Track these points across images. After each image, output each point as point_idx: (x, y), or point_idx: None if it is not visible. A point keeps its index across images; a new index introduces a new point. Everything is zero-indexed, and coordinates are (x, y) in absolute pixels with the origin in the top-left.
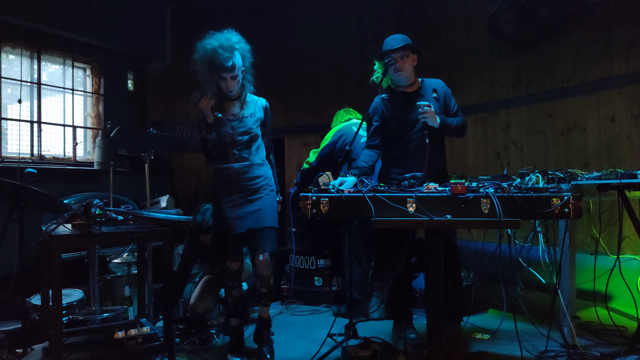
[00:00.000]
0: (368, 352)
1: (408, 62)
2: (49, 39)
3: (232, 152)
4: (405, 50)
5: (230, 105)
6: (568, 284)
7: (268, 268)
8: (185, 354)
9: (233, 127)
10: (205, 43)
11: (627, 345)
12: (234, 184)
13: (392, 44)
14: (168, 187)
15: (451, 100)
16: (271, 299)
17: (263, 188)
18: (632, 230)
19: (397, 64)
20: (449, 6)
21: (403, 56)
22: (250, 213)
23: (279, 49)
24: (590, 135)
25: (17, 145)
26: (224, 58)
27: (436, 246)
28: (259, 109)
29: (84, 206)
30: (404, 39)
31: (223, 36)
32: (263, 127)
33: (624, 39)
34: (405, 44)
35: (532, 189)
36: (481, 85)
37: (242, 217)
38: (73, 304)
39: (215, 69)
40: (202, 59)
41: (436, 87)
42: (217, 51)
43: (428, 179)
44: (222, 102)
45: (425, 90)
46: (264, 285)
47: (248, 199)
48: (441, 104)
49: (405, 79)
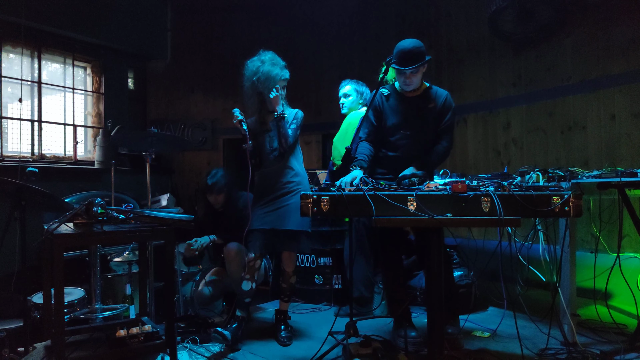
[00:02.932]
0: (369, 350)
1: (417, 76)
2: (49, 38)
3: (267, 158)
4: (415, 69)
5: (270, 117)
6: (568, 281)
7: (289, 265)
8: (187, 352)
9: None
10: (255, 61)
11: (627, 343)
12: (268, 186)
13: (404, 62)
14: (169, 186)
15: (447, 115)
16: (290, 295)
17: (293, 193)
18: (632, 229)
19: (407, 79)
20: (450, 4)
21: (414, 71)
22: (276, 213)
23: (279, 47)
24: (591, 134)
25: (17, 144)
26: (282, 68)
27: (436, 244)
28: (296, 118)
29: (86, 205)
30: (417, 55)
31: (269, 56)
32: (295, 131)
33: (624, 37)
34: (417, 64)
35: (532, 188)
36: (481, 83)
37: (269, 215)
38: (74, 303)
39: (271, 85)
40: (260, 73)
41: (438, 97)
42: (275, 62)
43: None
44: (265, 116)
45: (425, 99)
46: (284, 281)
47: (278, 200)
48: (434, 115)
49: (410, 87)
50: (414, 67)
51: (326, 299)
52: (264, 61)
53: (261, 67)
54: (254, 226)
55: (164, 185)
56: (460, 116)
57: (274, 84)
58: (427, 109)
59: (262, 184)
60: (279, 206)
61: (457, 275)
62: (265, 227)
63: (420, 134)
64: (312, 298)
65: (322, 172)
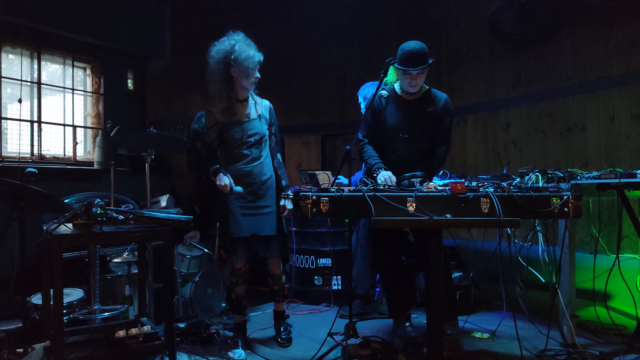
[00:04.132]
0: (368, 351)
1: (423, 77)
2: (49, 39)
3: (241, 152)
4: (421, 70)
5: (240, 108)
6: (567, 283)
7: (276, 268)
8: (186, 353)
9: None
10: (225, 42)
11: (626, 344)
12: (245, 184)
13: (411, 63)
14: (168, 187)
15: (446, 119)
16: (284, 295)
17: (270, 195)
18: (632, 230)
19: (412, 80)
20: (450, 6)
21: (420, 73)
22: (258, 218)
23: (279, 48)
24: (590, 135)
25: (17, 144)
26: (257, 53)
27: (436, 245)
28: (265, 110)
29: (85, 206)
30: (424, 57)
31: (242, 35)
32: (270, 127)
33: (624, 39)
34: (424, 65)
35: (531, 189)
36: (481, 84)
37: (248, 219)
38: (73, 303)
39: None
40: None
41: (437, 101)
42: (251, 44)
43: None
44: (232, 106)
45: (425, 102)
46: (276, 283)
47: (258, 204)
48: (433, 118)
49: (415, 89)
50: (421, 68)
51: (326, 300)
52: (237, 40)
53: (236, 46)
54: (234, 234)
55: (163, 186)
56: (460, 117)
57: (253, 65)
58: (426, 112)
59: (238, 181)
60: (258, 212)
61: (456, 277)
62: (245, 234)
63: (418, 137)
64: (312, 299)
65: (322, 172)
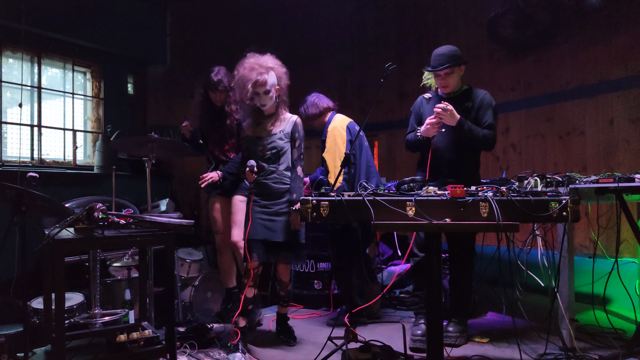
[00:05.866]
0: (368, 355)
1: (452, 77)
2: (49, 43)
3: (260, 165)
4: (446, 69)
5: (265, 123)
6: (566, 287)
7: (285, 275)
8: (186, 356)
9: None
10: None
11: (625, 348)
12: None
13: (433, 63)
14: (168, 191)
15: (485, 114)
16: (288, 301)
17: (286, 210)
18: (630, 234)
19: (442, 81)
20: (449, 10)
21: (447, 73)
22: (272, 224)
23: (278, 53)
24: (589, 139)
25: (17, 149)
26: (259, 73)
27: (435, 249)
28: (290, 124)
29: (87, 210)
30: (447, 58)
31: (262, 57)
32: (293, 142)
33: (623, 43)
34: (446, 64)
35: (530, 193)
36: (480, 88)
37: (264, 224)
38: (74, 308)
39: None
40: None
41: (476, 97)
42: (254, 67)
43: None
44: (258, 121)
45: (463, 99)
46: (282, 289)
47: (273, 213)
48: (472, 115)
49: (446, 89)
50: (442, 68)
51: (325, 304)
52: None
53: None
54: (249, 236)
55: (163, 191)
56: None
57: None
58: (464, 107)
59: (258, 191)
60: (272, 219)
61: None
62: (259, 237)
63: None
64: (312, 303)
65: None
